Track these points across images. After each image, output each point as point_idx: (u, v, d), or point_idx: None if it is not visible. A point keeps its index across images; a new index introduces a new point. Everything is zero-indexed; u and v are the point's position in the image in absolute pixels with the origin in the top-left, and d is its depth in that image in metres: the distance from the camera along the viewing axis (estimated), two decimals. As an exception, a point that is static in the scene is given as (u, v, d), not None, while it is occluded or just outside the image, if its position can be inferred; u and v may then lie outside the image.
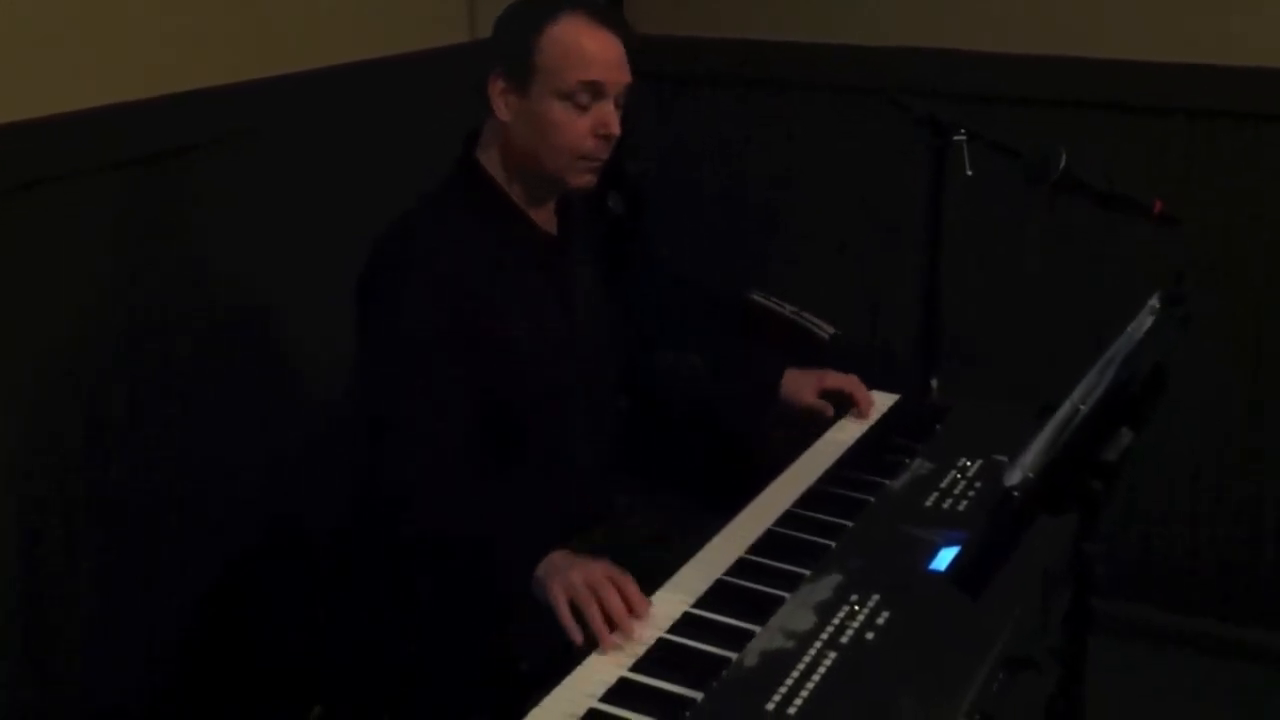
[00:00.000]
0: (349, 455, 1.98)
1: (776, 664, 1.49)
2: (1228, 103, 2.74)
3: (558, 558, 1.69)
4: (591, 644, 1.57)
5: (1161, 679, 2.87)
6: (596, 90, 1.87)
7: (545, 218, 2.00)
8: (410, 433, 1.82)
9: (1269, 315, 2.82)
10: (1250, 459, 2.91)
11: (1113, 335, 1.61)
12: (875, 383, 2.38)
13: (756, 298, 3.03)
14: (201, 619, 2.32)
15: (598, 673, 1.51)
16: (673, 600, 1.66)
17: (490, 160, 1.95)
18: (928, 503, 1.91)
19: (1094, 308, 2.85)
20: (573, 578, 1.62)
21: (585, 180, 1.94)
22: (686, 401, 2.30)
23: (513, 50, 1.89)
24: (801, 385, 2.20)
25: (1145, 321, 1.56)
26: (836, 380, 2.22)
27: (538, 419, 1.95)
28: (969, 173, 2.24)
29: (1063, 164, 2.13)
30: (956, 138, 2.25)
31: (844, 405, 2.25)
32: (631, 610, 1.59)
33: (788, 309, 2.98)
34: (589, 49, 1.87)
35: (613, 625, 1.58)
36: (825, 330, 2.94)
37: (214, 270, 2.28)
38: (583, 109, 1.87)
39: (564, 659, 1.54)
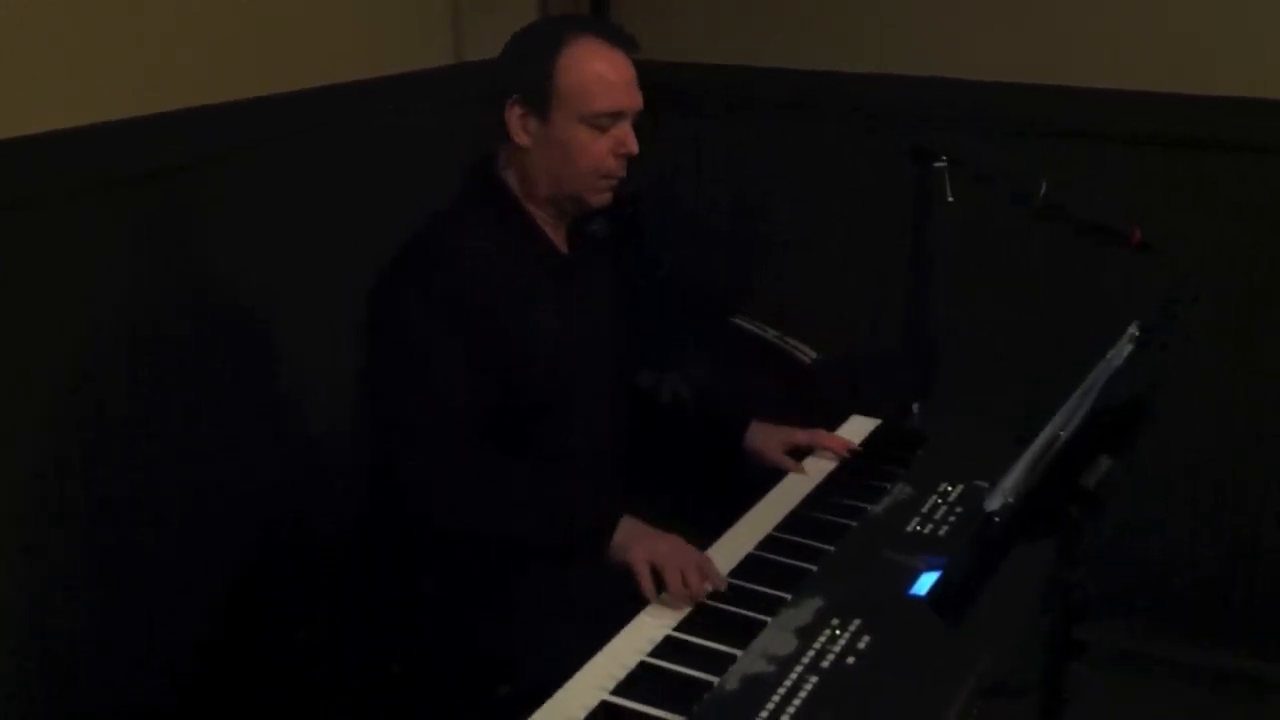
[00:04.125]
0: (356, 462, 2.00)
1: (757, 688, 1.49)
2: (1212, 132, 2.76)
3: (633, 524, 1.80)
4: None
5: (1144, 705, 2.87)
6: (618, 115, 1.92)
7: (560, 237, 2.04)
8: (423, 430, 1.84)
9: (1261, 337, 2.84)
10: (1239, 488, 2.91)
11: (1093, 358, 1.62)
12: (858, 407, 2.39)
13: (740, 322, 3.04)
14: (205, 623, 2.33)
15: (578, 695, 1.51)
16: (654, 623, 1.67)
17: (511, 179, 1.98)
18: (909, 527, 1.91)
19: (1083, 328, 2.85)
20: (658, 547, 1.76)
21: (604, 198, 1.98)
22: (665, 422, 2.31)
23: (529, 76, 1.91)
24: (768, 443, 2.19)
25: (1125, 349, 1.58)
26: (805, 437, 2.21)
27: (541, 426, 1.97)
28: (950, 199, 2.26)
29: (1043, 192, 2.15)
30: (938, 165, 2.26)
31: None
32: (717, 586, 1.73)
33: (770, 334, 2.99)
34: (610, 75, 1.90)
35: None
36: (807, 355, 2.95)
37: (214, 280, 2.30)
38: (603, 131, 1.91)
39: (553, 675, 1.55)
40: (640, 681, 1.53)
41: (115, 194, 2.10)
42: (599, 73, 1.89)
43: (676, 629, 1.65)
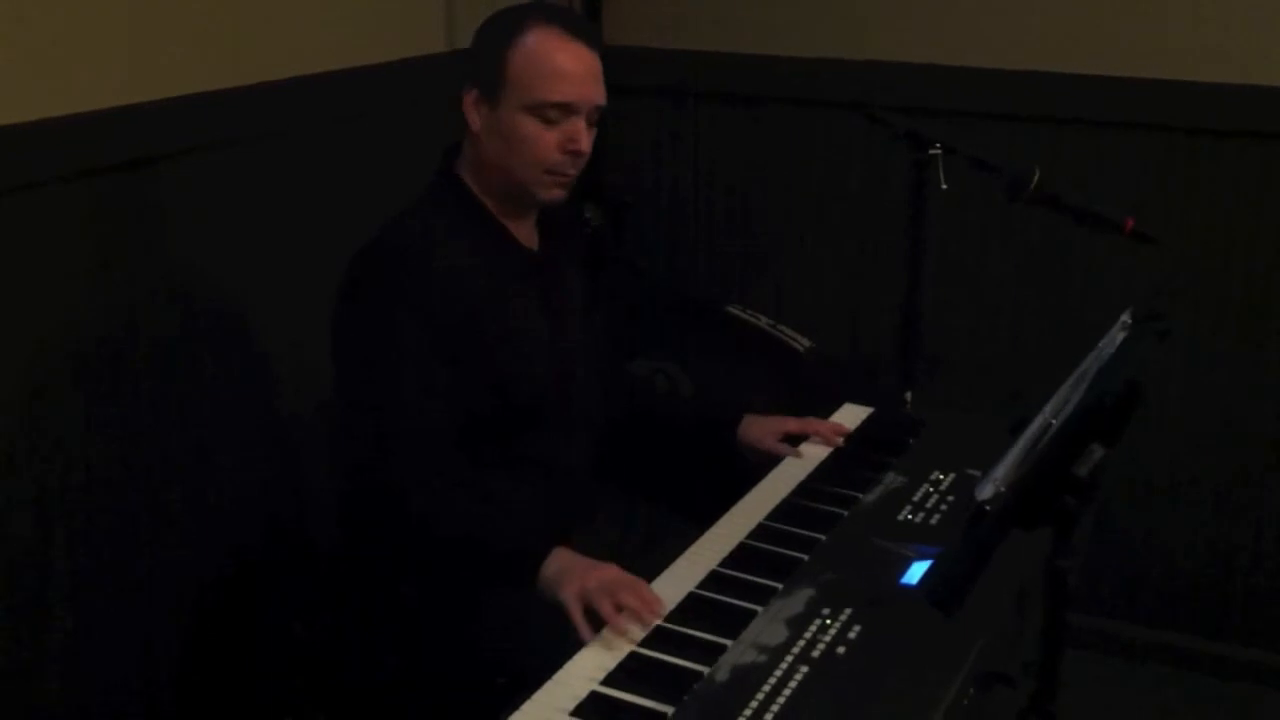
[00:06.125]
0: (335, 463, 1.99)
1: (748, 678, 1.49)
2: (1208, 120, 2.75)
3: (566, 559, 1.72)
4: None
5: (1136, 694, 2.88)
6: (566, 109, 1.87)
7: (526, 232, 2.00)
8: (406, 432, 1.81)
9: (1263, 335, 2.83)
10: (1240, 489, 2.91)
11: (1086, 350, 1.61)
12: (851, 396, 2.38)
13: (734, 310, 3.03)
14: (203, 623, 2.33)
15: (568, 686, 1.50)
16: (645, 613, 1.66)
17: (468, 174, 1.95)
18: (901, 516, 1.91)
19: (1075, 320, 2.86)
20: (588, 583, 1.65)
21: (554, 195, 1.93)
22: (660, 412, 2.30)
23: (485, 62, 1.89)
24: (761, 434, 2.18)
25: (1117, 337, 1.57)
26: (797, 425, 2.19)
27: (523, 427, 1.95)
28: (944, 186, 2.25)
29: (1035, 180, 2.14)
30: (932, 151, 2.25)
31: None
32: (650, 610, 1.62)
33: (764, 321, 2.99)
34: (561, 65, 1.86)
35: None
36: (801, 343, 2.94)
37: (209, 276, 2.28)
38: (551, 123, 1.87)
39: (542, 669, 1.54)
40: (630, 672, 1.53)
41: (109, 184, 2.08)
42: (551, 62, 1.85)
43: (667, 619, 1.64)
